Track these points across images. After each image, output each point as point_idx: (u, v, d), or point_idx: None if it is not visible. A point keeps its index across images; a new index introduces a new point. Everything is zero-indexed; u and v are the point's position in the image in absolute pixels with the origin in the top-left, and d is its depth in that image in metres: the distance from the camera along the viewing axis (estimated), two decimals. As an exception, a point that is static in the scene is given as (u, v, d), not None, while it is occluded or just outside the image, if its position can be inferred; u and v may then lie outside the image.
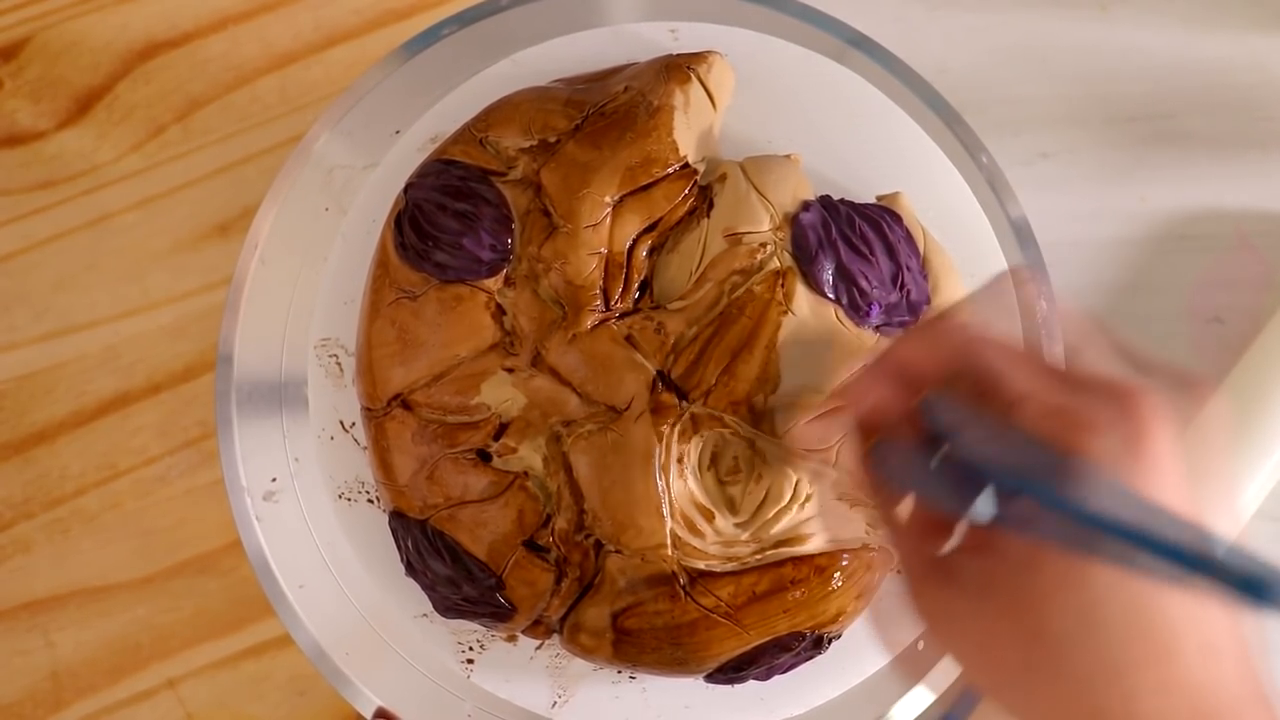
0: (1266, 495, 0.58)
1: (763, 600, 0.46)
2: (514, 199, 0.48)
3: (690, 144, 0.48)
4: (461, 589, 0.47)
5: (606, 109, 0.48)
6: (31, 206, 0.63)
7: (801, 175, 0.49)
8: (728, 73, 0.50)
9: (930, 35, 0.63)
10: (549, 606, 0.47)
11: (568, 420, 0.46)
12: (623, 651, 0.47)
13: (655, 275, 0.48)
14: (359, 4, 0.64)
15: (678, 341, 0.46)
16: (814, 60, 0.50)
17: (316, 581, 0.49)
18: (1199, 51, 0.63)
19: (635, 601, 0.46)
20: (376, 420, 0.48)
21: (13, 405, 0.62)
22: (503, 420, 0.47)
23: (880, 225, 0.48)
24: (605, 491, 0.46)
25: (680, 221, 0.48)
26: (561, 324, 0.47)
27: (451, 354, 0.47)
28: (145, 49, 0.63)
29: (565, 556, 0.47)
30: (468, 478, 0.47)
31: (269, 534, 0.48)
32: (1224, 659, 0.32)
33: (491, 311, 0.47)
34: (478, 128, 0.49)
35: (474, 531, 0.47)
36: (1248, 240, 0.62)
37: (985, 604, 0.33)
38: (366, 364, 0.49)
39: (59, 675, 0.60)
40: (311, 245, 0.51)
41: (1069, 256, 0.61)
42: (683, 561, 0.46)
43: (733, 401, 0.46)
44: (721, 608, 0.46)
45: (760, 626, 0.46)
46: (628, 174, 0.47)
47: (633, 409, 0.46)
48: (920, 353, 0.38)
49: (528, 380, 0.46)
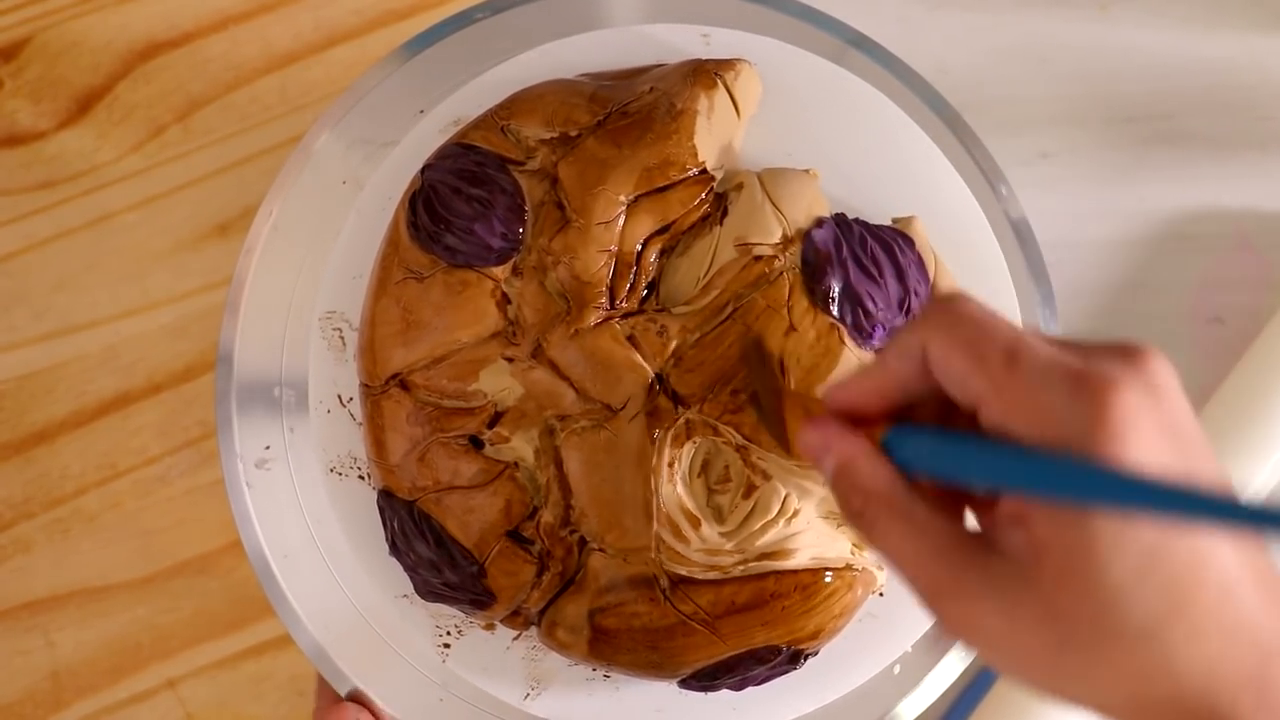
0: (1266, 495, 0.58)
1: (742, 611, 0.46)
2: (529, 189, 0.48)
3: (710, 150, 0.48)
4: (443, 573, 0.47)
5: (630, 108, 0.48)
6: (31, 206, 0.63)
7: (818, 191, 0.49)
8: (755, 82, 0.50)
9: (930, 35, 0.63)
10: (528, 598, 0.47)
11: (562, 415, 0.46)
12: (598, 650, 0.47)
13: (663, 278, 0.48)
14: (359, 4, 0.64)
15: (679, 346, 0.46)
16: (842, 76, 0.50)
17: (301, 554, 0.49)
18: (1199, 51, 0.63)
19: (615, 601, 0.46)
20: (374, 398, 0.48)
21: (13, 405, 0.62)
22: (498, 409, 0.47)
23: (892, 248, 0.48)
24: (594, 489, 0.46)
25: (693, 226, 0.48)
26: (565, 318, 0.47)
27: (453, 338, 0.47)
28: (145, 49, 0.64)
29: (549, 550, 0.47)
30: (458, 463, 0.47)
31: (258, 501, 0.48)
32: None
33: (497, 300, 0.47)
34: (500, 115, 0.49)
35: (461, 518, 0.47)
36: (1248, 240, 0.62)
37: (1034, 571, 0.32)
38: (369, 341, 0.49)
39: (59, 675, 0.60)
40: (315, 239, 0.51)
41: (1069, 256, 0.61)
42: (665, 566, 0.46)
43: (728, 410, 0.46)
44: (700, 615, 0.46)
45: (737, 637, 0.46)
46: (645, 175, 0.47)
47: (628, 409, 0.46)
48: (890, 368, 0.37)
49: (527, 371, 0.46)
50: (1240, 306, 0.61)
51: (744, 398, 0.46)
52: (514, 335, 0.47)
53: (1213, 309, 0.61)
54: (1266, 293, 0.61)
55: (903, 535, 0.35)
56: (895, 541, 0.35)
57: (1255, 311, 0.61)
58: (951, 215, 0.50)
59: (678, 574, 0.46)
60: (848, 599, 0.47)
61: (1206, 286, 0.61)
